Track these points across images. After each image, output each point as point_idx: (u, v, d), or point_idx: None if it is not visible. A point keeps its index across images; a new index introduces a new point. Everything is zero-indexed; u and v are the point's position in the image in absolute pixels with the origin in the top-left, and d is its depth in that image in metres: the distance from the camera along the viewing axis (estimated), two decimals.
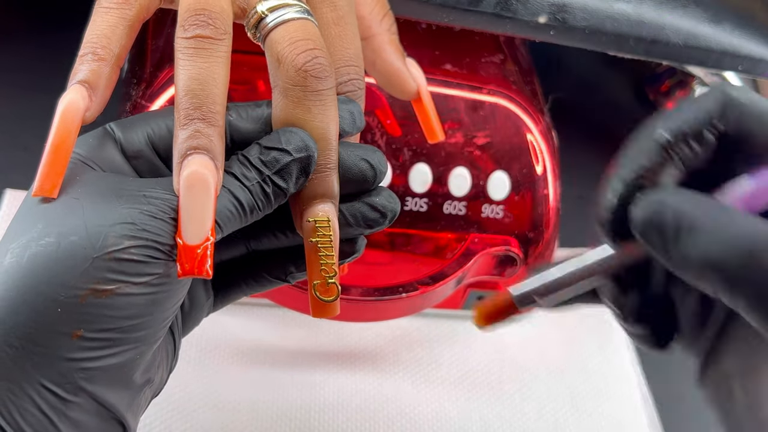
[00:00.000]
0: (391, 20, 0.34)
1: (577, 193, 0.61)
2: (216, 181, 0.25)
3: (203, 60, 0.26)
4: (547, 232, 0.48)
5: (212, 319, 0.49)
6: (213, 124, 0.25)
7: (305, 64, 0.26)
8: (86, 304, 0.24)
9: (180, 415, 0.44)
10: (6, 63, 0.59)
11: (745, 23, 0.46)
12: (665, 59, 0.46)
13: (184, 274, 0.24)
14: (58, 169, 0.25)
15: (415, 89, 0.35)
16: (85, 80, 0.26)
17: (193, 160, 0.25)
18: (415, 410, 0.47)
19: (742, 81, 0.54)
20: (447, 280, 0.45)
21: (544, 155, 0.47)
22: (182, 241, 0.24)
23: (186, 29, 0.26)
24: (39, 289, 0.24)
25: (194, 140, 0.25)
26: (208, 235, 0.24)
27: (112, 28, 0.27)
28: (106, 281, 0.24)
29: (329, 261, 0.27)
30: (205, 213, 0.24)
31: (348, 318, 0.45)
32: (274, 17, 0.27)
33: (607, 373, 0.50)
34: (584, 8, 0.43)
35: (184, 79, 0.25)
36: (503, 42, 0.51)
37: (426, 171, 0.46)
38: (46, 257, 0.24)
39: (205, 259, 0.24)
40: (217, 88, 0.25)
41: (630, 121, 0.76)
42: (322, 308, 0.27)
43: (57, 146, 0.25)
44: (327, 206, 0.27)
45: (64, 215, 0.24)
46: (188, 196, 0.24)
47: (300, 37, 0.26)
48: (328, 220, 0.26)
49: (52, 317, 0.24)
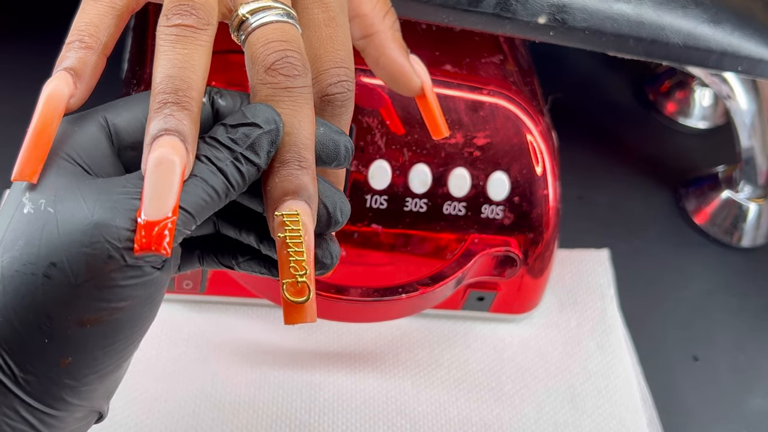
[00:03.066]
0: (394, 17, 0.34)
1: (577, 193, 0.62)
2: (185, 162, 0.24)
3: (183, 47, 0.25)
4: (547, 232, 0.48)
5: (212, 319, 0.49)
6: (187, 108, 0.25)
7: (275, 62, 0.26)
8: (72, 334, 0.24)
9: (180, 415, 0.44)
10: (6, 63, 0.59)
11: (745, 24, 0.46)
12: (665, 60, 0.46)
13: (141, 249, 0.23)
14: (39, 155, 0.25)
15: (419, 86, 0.35)
16: (71, 67, 0.26)
17: (162, 140, 0.24)
18: (415, 410, 0.47)
19: (741, 81, 0.54)
20: (447, 281, 0.45)
21: (543, 156, 0.47)
22: (143, 219, 0.23)
23: (169, 18, 0.26)
24: (26, 318, 0.24)
25: (166, 123, 0.24)
26: (168, 213, 0.24)
27: (100, 16, 0.27)
28: (89, 310, 0.24)
29: (299, 258, 0.25)
30: (169, 192, 0.24)
31: (348, 318, 0.45)
32: (254, 20, 0.27)
33: (607, 373, 0.50)
34: (584, 9, 0.43)
35: (163, 65, 0.25)
36: (503, 42, 0.51)
37: (426, 171, 0.46)
38: (29, 285, 0.24)
39: (162, 236, 0.23)
40: (195, 74, 0.25)
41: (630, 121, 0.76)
42: (294, 311, 0.25)
43: (39, 132, 0.25)
44: (298, 203, 0.26)
45: (42, 232, 0.24)
46: (153, 175, 0.24)
47: (275, 38, 0.26)
48: (297, 214, 0.25)
49: (39, 346, 0.24)
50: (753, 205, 0.60)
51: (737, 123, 0.57)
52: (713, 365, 0.53)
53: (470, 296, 0.50)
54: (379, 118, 0.45)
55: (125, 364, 0.27)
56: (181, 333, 0.48)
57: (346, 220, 0.28)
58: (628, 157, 0.66)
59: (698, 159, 0.66)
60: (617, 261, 0.57)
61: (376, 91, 0.45)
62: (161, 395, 0.45)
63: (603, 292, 0.55)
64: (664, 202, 0.63)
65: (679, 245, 0.60)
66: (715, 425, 0.50)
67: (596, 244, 0.58)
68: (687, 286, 0.58)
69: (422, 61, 0.35)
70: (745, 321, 0.56)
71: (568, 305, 0.54)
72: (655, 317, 0.55)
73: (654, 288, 0.57)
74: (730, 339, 0.55)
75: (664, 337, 0.54)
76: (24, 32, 0.62)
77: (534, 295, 0.51)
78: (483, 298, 0.50)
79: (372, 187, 0.46)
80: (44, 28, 0.61)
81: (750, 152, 0.58)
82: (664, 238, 0.61)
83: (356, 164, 0.45)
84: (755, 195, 0.60)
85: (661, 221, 0.62)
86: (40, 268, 0.24)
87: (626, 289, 0.55)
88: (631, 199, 0.63)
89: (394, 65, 0.34)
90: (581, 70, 0.73)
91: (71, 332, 0.24)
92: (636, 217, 0.61)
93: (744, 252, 0.61)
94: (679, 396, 0.51)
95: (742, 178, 0.60)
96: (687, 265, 0.59)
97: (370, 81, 0.44)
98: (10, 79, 0.58)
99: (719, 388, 0.52)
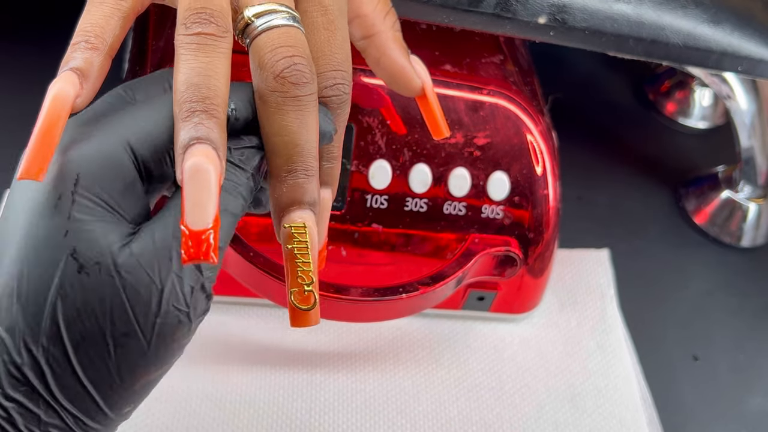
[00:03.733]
0: (395, 18, 0.34)
1: (577, 194, 0.62)
2: (219, 170, 0.25)
3: (205, 55, 0.26)
4: (547, 232, 0.48)
5: (212, 319, 0.49)
6: (215, 115, 0.25)
7: (284, 70, 0.26)
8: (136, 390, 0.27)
9: (180, 415, 0.44)
10: (6, 63, 0.59)
11: (745, 24, 0.46)
12: (665, 60, 0.46)
13: (189, 259, 0.24)
14: (45, 154, 0.25)
15: (419, 86, 0.35)
16: (77, 68, 0.26)
17: (195, 150, 0.24)
18: (415, 410, 0.47)
19: (741, 81, 0.54)
20: (447, 281, 0.45)
21: (543, 156, 0.47)
22: (187, 228, 0.24)
23: (188, 27, 0.26)
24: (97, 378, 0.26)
25: (196, 131, 0.25)
26: (210, 222, 0.24)
27: (106, 18, 0.27)
28: (158, 368, 0.26)
29: (306, 268, 0.26)
30: (209, 200, 0.24)
31: (348, 318, 0.45)
32: (260, 23, 0.27)
33: (607, 372, 0.51)
34: (584, 9, 0.43)
35: (186, 73, 0.25)
36: (503, 42, 0.51)
37: (426, 171, 0.46)
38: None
39: (209, 245, 0.24)
40: (219, 82, 0.26)
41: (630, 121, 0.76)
42: (300, 317, 0.27)
43: (45, 131, 0.25)
44: (305, 213, 0.27)
45: (104, 298, 0.25)
46: (192, 185, 0.24)
47: (282, 43, 0.27)
48: (304, 226, 0.26)
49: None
50: (753, 205, 0.60)
51: (737, 123, 0.57)
52: (713, 365, 0.53)
53: (470, 296, 0.50)
54: (379, 118, 0.45)
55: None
56: None
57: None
58: (628, 157, 0.66)
59: (698, 159, 0.66)
60: (617, 261, 0.57)
61: (377, 91, 0.45)
62: (161, 395, 0.45)
63: (603, 292, 0.55)
64: (664, 202, 0.63)
65: (679, 245, 0.60)
66: (714, 424, 0.50)
67: (596, 244, 0.58)
68: (687, 286, 0.58)
69: (422, 62, 0.35)
70: (744, 321, 0.56)
71: (568, 305, 0.54)
72: (655, 317, 0.55)
73: (654, 288, 0.57)
74: (730, 339, 0.55)
75: (664, 336, 0.54)
76: (24, 33, 0.62)
77: (534, 294, 0.51)
78: (483, 298, 0.50)
79: (372, 186, 0.46)
80: (45, 28, 0.61)
81: (750, 152, 0.58)
82: (664, 238, 0.61)
83: (356, 164, 0.45)
84: (755, 195, 0.60)
85: (661, 221, 0.62)
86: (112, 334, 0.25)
87: (626, 289, 0.55)
88: (631, 199, 0.63)
89: (395, 66, 0.34)
90: (581, 70, 0.73)
91: (137, 388, 0.26)
92: (636, 217, 0.62)
93: (744, 252, 0.61)
94: (678, 395, 0.51)
95: (742, 178, 0.60)
96: (687, 265, 0.59)
97: (371, 81, 0.44)
98: (10, 79, 0.59)
99: (719, 388, 0.52)
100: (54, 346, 0.24)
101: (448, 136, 0.36)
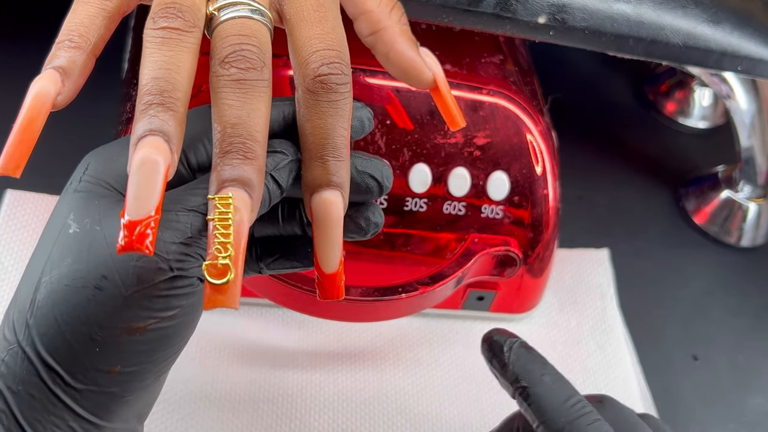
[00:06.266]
0: (401, 12, 0.34)
1: (577, 193, 0.62)
2: (169, 163, 0.25)
3: (168, 49, 0.26)
4: (547, 232, 0.48)
5: (212, 319, 0.49)
6: (172, 108, 0.25)
7: (228, 55, 0.26)
8: (123, 342, 0.25)
9: (180, 415, 0.44)
10: (6, 63, 0.59)
11: (745, 24, 0.46)
12: (665, 60, 0.46)
13: (123, 249, 0.23)
14: (24, 150, 0.25)
15: (431, 78, 0.34)
16: (60, 66, 0.26)
17: (147, 141, 0.24)
18: (415, 410, 0.47)
19: (741, 81, 0.54)
20: (447, 281, 0.45)
21: (543, 155, 0.47)
22: (126, 217, 0.24)
23: (155, 21, 0.26)
24: (78, 329, 0.25)
25: (150, 123, 0.25)
26: (151, 212, 0.24)
27: (91, 18, 0.27)
28: (139, 319, 0.25)
29: (224, 239, 0.25)
30: (152, 192, 0.24)
31: (348, 318, 0.45)
32: (221, 15, 0.27)
33: (606, 372, 0.51)
34: (584, 9, 0.43)
35: (148, 67, 0.25)
36: (503, 42, 0.51)
37: (426, 171, 0.46)
38: (81, 297, 0.25)
39: (144, 235, 0.23)
40: (180, 76, 0.25)
41: (630, 121, 0.76)
42: (213, 292, 0.24)
43: (24, 128, 0.25)
44: (236, 190, 0.26)
45: (90, 249, 0.25)
46: (136, 175, 0.24)
47: (234, 32, 0.27)
48: (229, 197, 0.25)
49: (90, 355, 0.25)
50: (753, 204, 0.60)
51: (737, 123, 0.57)
52: (713, 365, 0.53)
53: (470, 296, 0.50)
54: (378, 118, 0.45)
55: (163, 378, 0.29)
56: None
57: (391, 182, 0.30)
58: (628, 157, 0.66)
59: (698, 159, 0.66)
60: (617, 261, 0.57)
61: (382, 90, 0.45)
62: (161, 395, 0.45)
63: (603, 292, 0.55)
64: (664, 202, 0.63)
65: (678, 245, 0.60)
66: (714, 424, 0.50)
67: (596, 243, 0.58)
68: (687, 286, 0.58)
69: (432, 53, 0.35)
70: (744, 321, 0.56)
71: (567, 305, 0.54)
72: (655, 317, 0.55)
73: (654, 288, 0.57)
74: (730, 338, 0.55)
75: (663, 336, 0.54)
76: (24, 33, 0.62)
77: (534, 294, 0.51)
78: (483, 298, 0.50)
79: None
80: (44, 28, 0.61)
81: (750, 152, 0.58)
82: (664, 238, 0.61)
83: None
84: (755, 195, 0.60)
85: (660, 221, 0.62)
86: (90, 281, 0.25)
87: (626, 289, 0.55)
88: (631, 199, 0.63)
89: (404, 59, 0.33)
90: (581, 70, 0.73)
91: (122, 340, 0.25)
92: (636, 217, 0.62)
93: (744, 252, 0.61)
94: (678, 395, 0.51)
95: (742, 178, 0.60)
96: (687, 265, 0.59)
97: (374, 81, 0.44)
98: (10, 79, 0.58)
99: (719, 388, 0.52)
100: None
101: (464, 126, 0.35)
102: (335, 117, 0.28)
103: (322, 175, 0.28)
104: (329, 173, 0.28)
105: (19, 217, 0.50)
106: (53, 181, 0.51)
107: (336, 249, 0.28)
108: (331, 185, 0.28)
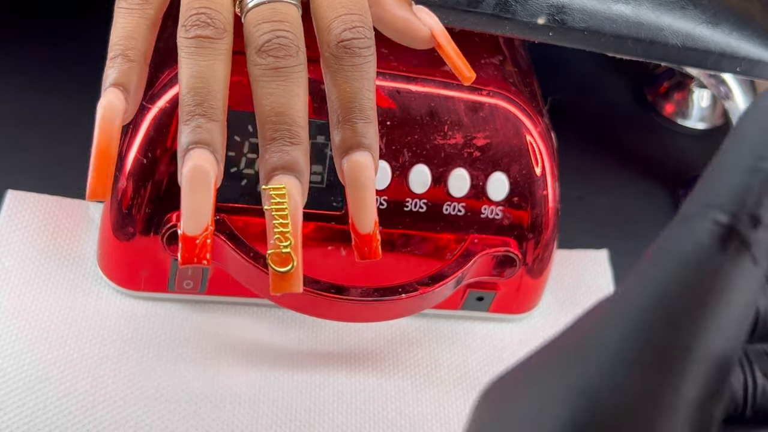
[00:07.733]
0: None
1: (577, 194, 0.62)
2: (216, 173, 0.25)
3: (203, 58, 0.26)
4: (546, 232, 0.48)
5: (212, 319, 0.49)
6: (213, 119, 0.26)
7: (264, 44, 0.27)
8: None
9: (180, 415, 0.44)
10: (7, 64, 0.59)
11: (744, 25, 0.46)
12: (663, 60, 0.46)
13: (184, 263, 0.24)
14: (106, 173, 0.26)
15: (428, 35, 0.34)
16: (119, 83, 0.27)
17: (194, 153, 0.25)
18: (415, 410, 0.47)
19: (739, 82, 0.54)
20: (446, 281, 0.45)
21: (543, 156, 0.47)
22: (182, 232, 0.24)
23: (187, 29, 0.26)
24: None
25: (195, 135, 0.25)
26: (206, 225, 0.24)
27: (136, 28, 0.27)
28: None
29: (284, 229, 0.26)
30: (204, 205, 0.25)
31: (347, 318, 0.45)
32: (250, 1, 0.28)
33: None
34: (583, 10, 0.43)
35: (186, 77, 0.26)
36: (502, 43, 0.51)
37: (425, 172, 0.46)
38: None
39: (204, 248, 0.24)
40: (217, 84, 0.26)
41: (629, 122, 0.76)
42: (279, 280, 0.26)
43: (101, 151, 0.26)
44: (287, 177, 0.26)
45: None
46: (189, 189, 0.25)
47: (266, 18, 0.27)
48: (283, 187, 0.26)
49: None
50: None
51: None
52: None
53: (470, 296, 0.50)
54: (379, 118, 0.45)
55: None
56: (181, 333, 0.48)
57: None
58: (627, 157, 0.66)
59: (697, 160, 0.66)
60: (617, 261, 0.57)
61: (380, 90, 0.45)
62: (161, 395, 0.45)
63: (602, 292, 0.55)
64: (663, 203, 0.63)
65: None
66: None
67: (596, 244, 0.58)
68: None
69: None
70: None
71: (567, 305, 0.54)
72: None
73: None
74: None
75: None
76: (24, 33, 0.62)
77: (533, 295, 0.51)
78: (482, 298, 0.50)
79: None
80: (45, 29, 0.61)
81: None
82: None
83: None
84: None
85: (660, 222, 0.62)
86: None
87: None
88: (631, 200, 0.63)
89: (398, 19, 0.33)
90: (580, 72, 0.73)
91: None
92: (635, 218, 0.62)
93: None
94: None
95: None
96: None
97: None
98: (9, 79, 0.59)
99: None
100: None
101: (474, 78, 0.35)
102: (361, 80, 0.28)
103: (352, 137, 0.28)
104: (358, 135, 0.28)
105: (20, 218, 0.50)
106: (54, 182, 0.51)
107: (370, 210, 0.28)
108: (361, 147, 0.28)
